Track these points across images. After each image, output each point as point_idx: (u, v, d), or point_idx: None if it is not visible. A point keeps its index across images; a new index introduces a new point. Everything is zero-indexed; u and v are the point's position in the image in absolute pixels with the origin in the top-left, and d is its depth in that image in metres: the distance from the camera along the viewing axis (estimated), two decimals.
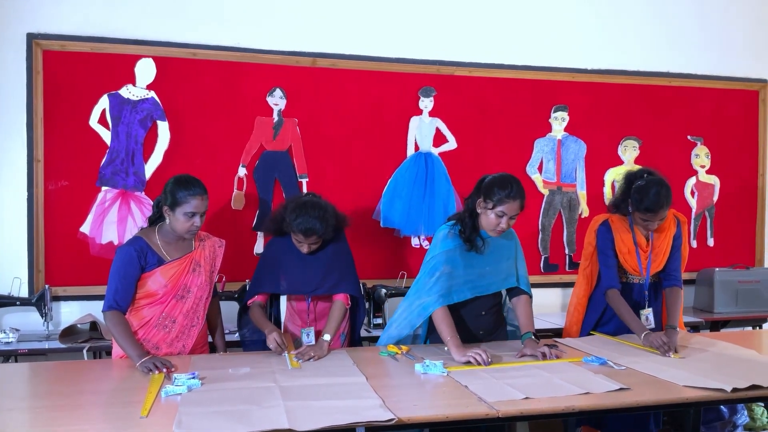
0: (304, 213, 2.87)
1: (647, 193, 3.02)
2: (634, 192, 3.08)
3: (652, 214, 3.04)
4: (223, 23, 3.90)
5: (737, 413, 3.93)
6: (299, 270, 3.01)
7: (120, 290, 2.72)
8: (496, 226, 2.81)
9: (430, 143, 4.22)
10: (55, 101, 3.67)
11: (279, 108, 3.99)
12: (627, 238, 3.19)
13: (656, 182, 3.05)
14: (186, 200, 2.71)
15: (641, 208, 3.05)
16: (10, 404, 2.17)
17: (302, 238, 2.89)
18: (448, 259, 2.86)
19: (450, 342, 2.72)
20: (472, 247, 2.88)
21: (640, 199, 3.04)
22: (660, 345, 2.82)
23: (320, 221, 2.87)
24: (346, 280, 3.06)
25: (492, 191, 2.78)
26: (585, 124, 4.48)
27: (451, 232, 2.91)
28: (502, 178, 2.82)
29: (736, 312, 4.41)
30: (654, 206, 3.01)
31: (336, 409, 2.04)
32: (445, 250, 2.88)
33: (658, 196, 3.01)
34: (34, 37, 3.63)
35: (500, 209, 2.77)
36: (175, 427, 1.91)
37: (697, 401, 2.32)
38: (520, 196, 2.79)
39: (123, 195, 3.77)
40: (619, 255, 3.20)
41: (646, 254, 3.19)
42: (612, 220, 3.25)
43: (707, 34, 4.70)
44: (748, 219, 4.82)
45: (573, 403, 2.19)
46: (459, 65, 4.24)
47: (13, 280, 3.61)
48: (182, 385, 2.28)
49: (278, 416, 1.98)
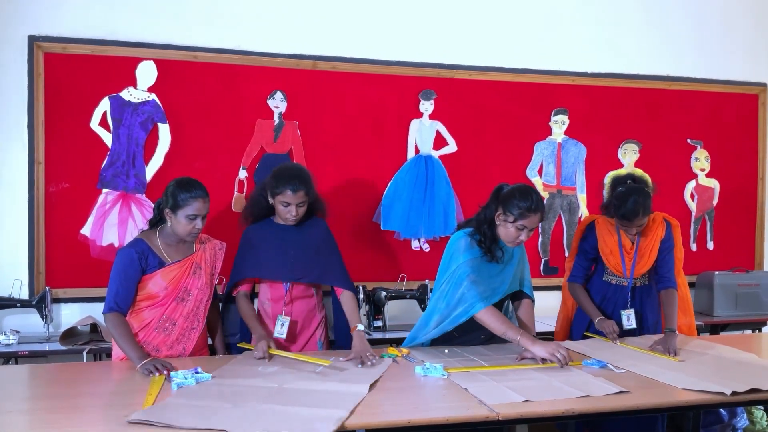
0: (285, 171, 2.93)
1: (624, 202, 3.07)
2: (614, 198, 3.14)
3: (628, 222, 3.11)
4: (224, 26, 3.91)
5: (737, 416, 3.93)
6: (280, 255, 2.97)
7: (120, 292, 2.71)
8: (515, 239, 2.78)
9: (430, 146, 4.23)
10: (56, 103, 3.68)
11: (279, 111, 3.99)
12: (610, 239, 3.24)
13: (634, 190, 3.08)
14: (188, 203, 2.71)
15: (618, 215, 3.12)
16: (11, 406, 2.17)
17: (290, 194, 2.88)
18: (473, 268, 2.80)
19: (523, 337, 2.68)
20: (493, 257, 2.84)
21: (618, 206, 3.10)
22: (610, 332, 3.03)
23: (303, 175, 2.93)
24: (335, 274, 3.05)
25: (512, 204, 2.73)
26: (585, 128, 4.49)
27: (472, 242, 2.85)
28: (522, 190, 2.77)
29: (736, 315, 4.41)
30: (629, 214, 3.07)
31: (288, 416, 1.99)
32: (469, 259, 2.81)
33: (635, 205, 3.04)
34: (35, 39, 3.64)
35: (521, 223, 2.73)
36: (138, 413, 1.98)
37: (697, 404, 2.33)
38: (541, 209, 2.75)
39: (124, 197, 3.77)
40: (602, 255, 3.27)
41: (630, 255, 3.22)
42: (598, 221, 3.32)
43: (707, 37, 4.71)
44: (747, 222, 4.83)
45: (572, 406, 2.19)
46: (459, 68, 4.25)
47: (13, 282, 3.61)
48: (190, 377, 2.36)
49: (232, 416, 2.00)
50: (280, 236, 3.00)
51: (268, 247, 2.99)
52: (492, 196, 2.85)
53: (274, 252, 2.98)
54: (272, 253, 2.98)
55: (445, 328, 2.84)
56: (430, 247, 4.21)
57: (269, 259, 2.98)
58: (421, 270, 4.11)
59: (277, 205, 2.94)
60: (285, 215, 2.94)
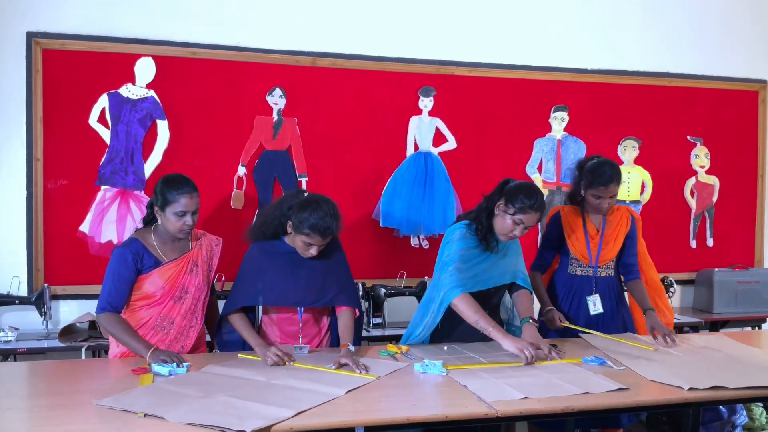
0: (318, 210, 2.64)
1: (600, 169, 3.14)
2: (587, 171, 3.19)
3: (604, 188, 3.14)
4: (223, 22, 3.90)
5: (736, 413, 3.93)
6: (291, 279, 2.78)
7: (113, 293, 2.69)
8: (509, 232, 2.81)
9: (429, 143, 4.22)
10: (55, 100, 3.67)
11: (278, 107, 3.99)
12: (576, 225, 3.29)
13: (607, 161, 3.20)
14: (175, 199, 2.67)
15: (594, 184, 3.15)
16: (9, 403, 2.17)
17: (318, 239, 2.66)
18: (462, 258, 2.84)
19: (494, 330, 2.70)
20: (487, 247, 2.89)
21: (593, 177, 3.15)
22: (551, 321, 3.12)
23: (336, 219, 2.68)
24: (346, 292, 2.87)
25: (517, 197, 2.77)
26: (585, 124, 4.49)
27: (468, 233, 2.90)
28: (529, 186, 2.83)
29: (736, 312, 4.42)
30: (607, 180, 3.13)
31: (233, 410, 2.02)
32: (461, 248, 2.85)
33: (612, 169, 3.15)
34: (33, 35, 3.63)
35: (520, 217, 2.77)
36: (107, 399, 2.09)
37: (696, 401, 2.32)
38: (542, 210, 2.80)
39: (122, 194, 3.77)
40: (568, 241, 3.29)
41: (596, 242, 3.26)
42: (563, 210, 3.36)
43: (706, 34, 4.70)
44: (747, 219, 4.82)
45: (572, 403, 2.19)
46: (459, 65, 4.24)
47: (12, 279, 3.61)
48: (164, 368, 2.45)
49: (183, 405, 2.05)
50: (291, 258, 2.79)
51: (279, 272, 2.78)
52: (497, 187, 2.89)
53: (284, 277, 2.78)
54: (282, 278, 2.78)
55: (435, 319, 2.88)
56: (430, 244, 4.21)
57: (279, 285, 2.78)
58: (421, 267, 4.11)
59: (297, 240, 2.72)
60: (303, 252, 2.74)
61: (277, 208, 2.81)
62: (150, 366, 2.50)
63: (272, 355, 2.55)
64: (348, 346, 2.69)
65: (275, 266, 2.79)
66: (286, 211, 2.74)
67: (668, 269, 4.49)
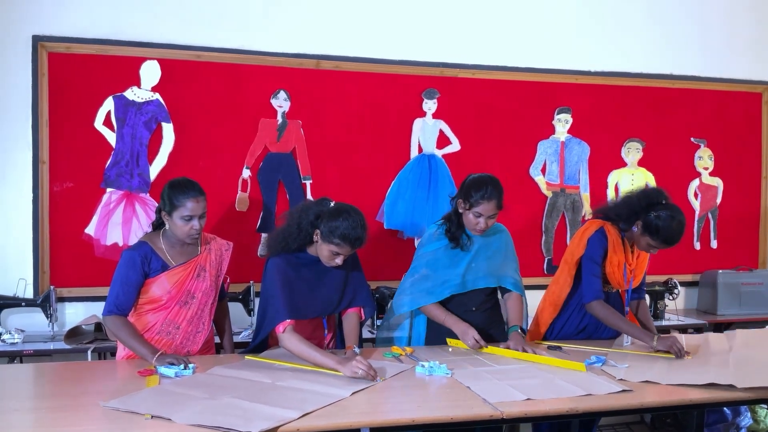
0: (349, 219, 2.61)
1: (671, 227, 2.86)
2: (656, 219, 2.87)
3: (667, 246, 2.93)
4: (228, 26, 3.92)
5: (740, 415, 3.93)
6: (317, 290, 2.77)
7: (121, 296, 2.69)
8: (475, 226, 2.91)
9: (433, 145, 4.23)
10: (61, 103, 3.69)
11: (283, 110, 4.00)
12: (619, 251, 3.05)
13: (680, 214, 2.90)
14: (182, 203, 2.66)
15: (659, 239, 2.89)
16: (15, 405, 2.18)
17: (348, 249, 2.64)
18: (429, 262, 2.98)
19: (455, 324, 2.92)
20: (457, 245, 2.97)
21: (661, 230, 2.87)
22: (677, 350, 2.77)
23: (365, 230, 2.65)
24: (360, 292, 2.90)
25: (469, 192, 2.88)
26: (588, 126, 4.49)
27: (437, 232, 3.02)
28: (478, 179, 2.90)
29: (740, 314, 4.41)
30: (675, 240, 2.90)
31: (240, 411, 2.03)
32: (430, 251, 3.00)
33: (683, 230, 2.90)
34: (39, 39, 3.65)
35: (476, 210, 2.87)
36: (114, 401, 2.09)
37: (701, 403, 2.32)
38: (496, 197, 2.86)
39: (128, 196, 3.78)
40: (609, 267, 3.04)
41: (631, 269, 3.09)
42: (608, 230, 3.05)
43: (710, 36, 4.70)
44: (751, 221, 4.82)
45: (577, 404, 2.19)
46: (462, 67, 4.25)
47: (18, 281, 3.62)
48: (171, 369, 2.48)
49: (191, 407, 2.06)
50: (317, 270, 2.78)
51: (305, 285, 2.74)
52: (460, 185, 2.99)
53: (311, 290, 2.75)
54: (309, 291, 2.75)
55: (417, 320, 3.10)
56: None
57: (308, 298, 2.73)
58: None
59: (324, 249, 2.68)
60: (328, 261, 2.71)
61: (302, 217, 2.72)
62: (156, 368, 2.52)
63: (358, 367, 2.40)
64: (354, 348, 2.71)
65: (301, 279, 2.74)
66: (314, 220, 2.69)
67: (672, 271, 4.49)
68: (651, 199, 2.96)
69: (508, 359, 2.74)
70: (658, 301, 4.27)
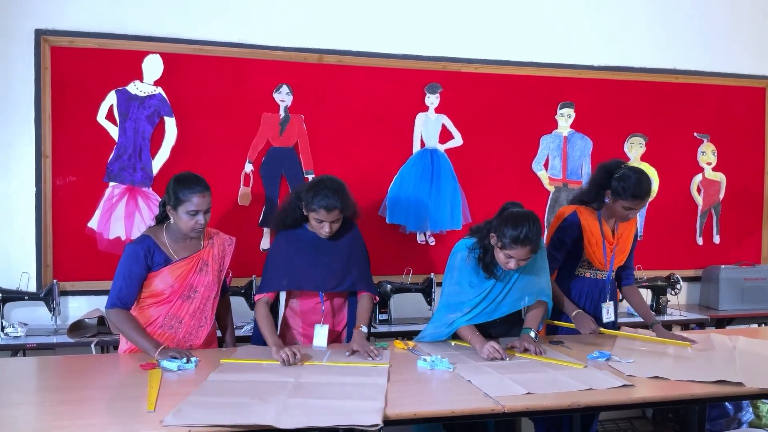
0: (322, 188, 2.81)
1: (636, 181, 3.01)
2: (619, 180, 3.03)
3: (639, 201, 3.04)
4: (230, 19, 3.91)
5: (742, 410, 3.93)
6: (315, 265, 2.92)
7: (124, 289, 2.71)
8: (505, 265, 2.75)
9: (436, 140, 4.22)
10: (63, 97, 3.69)
11: (285, 104, 4.00)
12: (596, 230, 3.15)
13: (640, 170, 3.07)
14: (187, 198, 2.67)
15: (628, 195, 3.01)
16: (19, 398, 2.19)
17: (324, 214, 2.79)
18: (456, 293, 2.88)
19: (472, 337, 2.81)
20: (490, 276, 2.84)
21: (627, 187, 3.01)
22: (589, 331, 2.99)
23: (340, 194, 2.82)
24: (365, 279, 3.02)
25: (504, 231, 2.67)
26: (591, 121, 4.48)
27: (470, 257, 2.86)
28: (516, 217, 2.68)
29: (742, 309, 4.41)
30: (643, 193, 3.02)
31: (329, 410, 2.02)
32: (460, 280, 2.88)
33: (648, 183, 3.04)
34: (42, 33, 3.64)
35: (509, 252, 2.69)
36: (170, 416, 1.93)
37: (703, 398, 2.33)
38: (531, 243, 2.65)
39: (130, 190, 3.79)
40: (587, 247, 3.14)
41: (611, 247, 3.18)
42: (580, 212, 3.17)
43: (714, 31, 4.69)
44: (754, 216, 4.81)
45: (578, 399, 2.20)
46: (465, 62, 4.24)
47: (21, 275, 3.63)
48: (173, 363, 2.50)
49: (269, 411, 1.99)
50: (314, 244, 2.94)
51: (303, 258, 2.92)
52: (497, 213, 2.82)
53: (308, 262, 2.92)
54: (306, 263, 2.92)
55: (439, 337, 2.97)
56: (436, 241, 4.22)
57: (304, 271, 2.92)
58: (427, 263, 4.13)
59: (312, 220, 2.87)
60: (319, 231, 2.88)
61: (294, 196, 2.98)
62: (158, 362, 2.52)
63: (286, 353, 2.55)
64: (361, 327, 2.83)
65: (299, 253, 2.93)
66: (301, 194, 2.90)
67: (675, 266, 4.50)
68: (610, 167, 3.13)
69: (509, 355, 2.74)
70: (661, 296, 4.27)
